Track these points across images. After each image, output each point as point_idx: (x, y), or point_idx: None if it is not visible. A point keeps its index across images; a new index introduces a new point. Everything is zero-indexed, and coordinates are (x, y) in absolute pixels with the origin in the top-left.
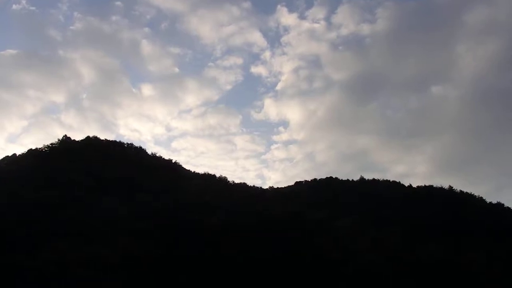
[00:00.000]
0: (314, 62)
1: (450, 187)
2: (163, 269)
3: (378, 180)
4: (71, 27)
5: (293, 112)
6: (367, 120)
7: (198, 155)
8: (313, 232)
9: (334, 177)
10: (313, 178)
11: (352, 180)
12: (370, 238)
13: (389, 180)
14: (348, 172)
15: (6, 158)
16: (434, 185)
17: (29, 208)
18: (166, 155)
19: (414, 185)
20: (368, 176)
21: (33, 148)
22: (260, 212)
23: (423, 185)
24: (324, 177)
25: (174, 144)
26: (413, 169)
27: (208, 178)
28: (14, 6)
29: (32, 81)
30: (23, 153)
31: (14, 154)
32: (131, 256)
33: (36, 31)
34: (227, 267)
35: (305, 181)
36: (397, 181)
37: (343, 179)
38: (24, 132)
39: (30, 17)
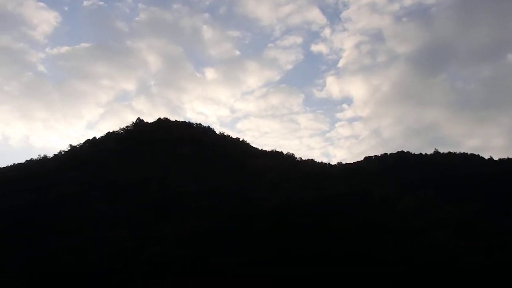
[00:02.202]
0: (376, 36)
1: None
2: (228, 243)
3: (454, 153)
4: (136, 18)
5: (357, 89)
6: (435, 93)
7: (262, 135)
8: (379, 207)
9: (406, 151)
10: (383, 152)
11: (426, 154)
12: (441, 213)
13: (467, 153)
14: (417, 147)
15: (88, 141)
16: None
17: (108, 187)
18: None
19: (495, 158)
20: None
21: (111, 131)
22: (326, 188)
23: (505, 157)
24: (394, 151)
25: (238, 125)
26: (488, 142)
27: (275, 155)
28: (85, 3)
29: (105, 72)
30: (102, 136)
31: (94, 138)
32: (200, 231)
33: (105, 24)
34: (288, 241)
35: (375, 156)
36: (476, 153)
37: (415, 153)
38: (101, 119)
39: (99, 12)
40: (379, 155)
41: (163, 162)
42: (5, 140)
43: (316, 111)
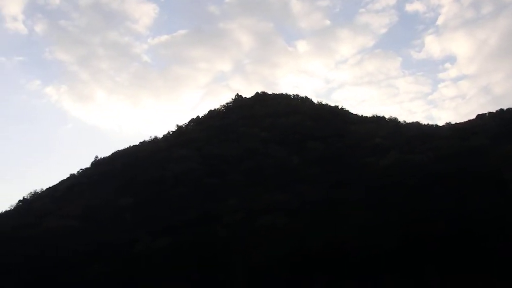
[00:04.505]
0: None
1: None
2: (337, 211)
3: None
4: (226, 0)
5: (460, 45)
6: None
7: (359, 103)
8: (501, 165)
9: None
10: (499, 108)
11: None
12: None
13: None
14: None
15: (192, 120)
16: None
17: (215, 161)
18: None
19: None
20: None
21: (212, 109)
22: (439, 149)
23: None
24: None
25: (334, 96)
26: None
27: (377, 120)
28: None
29: (202, 55)
30: (205, 114)
31: (198, 116)
32: (308, 201)
33: (198, 10)
34: (407, 205)
35: (489, 113)
36: None
37: None
38: (202, 101)
39: None
40: (494, 111)
41: (264, 134)
42: (120, 128)
43: (416, 74)
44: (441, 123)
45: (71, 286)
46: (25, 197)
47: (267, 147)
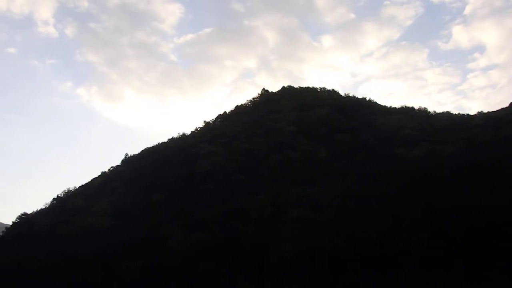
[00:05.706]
0: None
1: None
2: (367, 205)
3: None
4: None
5: (489, 34)
6: None
7: (386, 96)
8: None
9: None
10: None
11: None
12: None
13: None
14: None
15: (219, 115)
16: None
17: (243, 156)
18: None
19: None
20: None
21: (239, 104)
22: (469, 139)
23: None
24: None
25: (360, 89)
26: None
27: (406, 111)
28: None
29: (227, 53)
30: (231, 110)
31: (225, 112)
32: (336, 194)
33: (223, 8)
34: (440, 198)
35: None
36: None
37: None
38: (228, 98)
39: None
40: None
41: (291, 128)
42: (148, 126)
43: (444, 64)
44: (471, 113)
45: (105, 282)
46: (59, 195)
47: (295, 141)
